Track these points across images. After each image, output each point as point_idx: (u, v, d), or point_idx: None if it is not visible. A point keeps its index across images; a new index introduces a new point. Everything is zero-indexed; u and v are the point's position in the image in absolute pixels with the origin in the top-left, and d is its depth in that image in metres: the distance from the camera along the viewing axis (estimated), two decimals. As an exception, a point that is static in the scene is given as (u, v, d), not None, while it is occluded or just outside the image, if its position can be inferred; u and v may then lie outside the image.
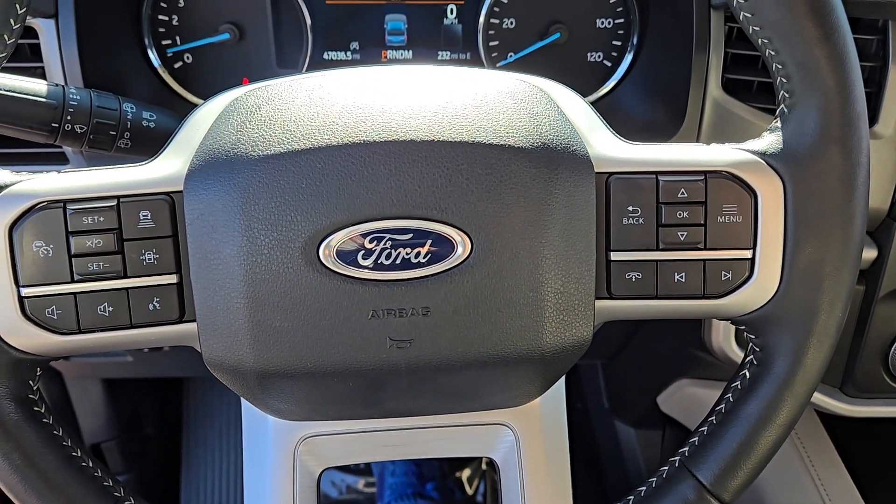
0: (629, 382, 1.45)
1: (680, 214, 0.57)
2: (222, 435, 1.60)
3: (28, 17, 0.68)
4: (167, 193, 0.56)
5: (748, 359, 0.62)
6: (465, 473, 1.61)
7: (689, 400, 1.25)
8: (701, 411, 1.26)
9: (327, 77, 0.59)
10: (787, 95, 0.56)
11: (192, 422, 1.62)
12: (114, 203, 0.55)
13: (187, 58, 1.00)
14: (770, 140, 0.58)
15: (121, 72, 0.91)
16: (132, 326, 0.56)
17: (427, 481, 1.58)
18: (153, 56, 0.97)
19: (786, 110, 0.57)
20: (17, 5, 0.51)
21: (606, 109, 1.03)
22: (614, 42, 1.02)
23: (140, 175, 0.56)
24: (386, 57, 1.04)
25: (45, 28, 0.81)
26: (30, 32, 0.81)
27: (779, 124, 0.58)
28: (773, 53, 0.56)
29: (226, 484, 1.57)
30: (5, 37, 0.52)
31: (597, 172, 0.58)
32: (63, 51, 0.81)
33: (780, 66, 0.56)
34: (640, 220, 0.58)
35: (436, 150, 0.54)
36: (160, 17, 0.97)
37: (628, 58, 1.01)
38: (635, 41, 1.00)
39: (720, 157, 0.58)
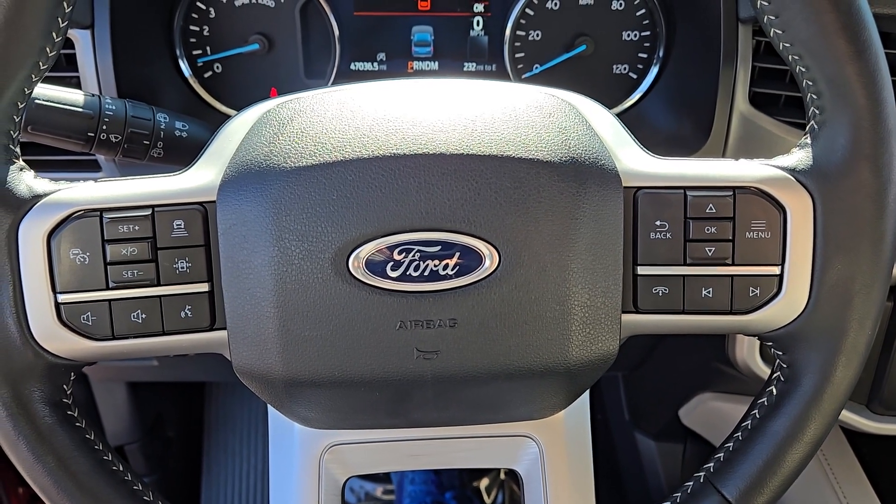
0: (651, 395, 1.45)
1: (708, 230, 0.57)
2: (243, 439, 1.62)
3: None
4: (200, 203, 0.57)
5: (775, 375, 0.61)
6: (484, 483, 1.61)
7: (711, 414, 1.24)
8: (723, 425, 1.25)
9: (357, 90, 0.60)
10: (817, 112, 0.56)
11: (214, 426, 1.64)
12: (148, 212, 0.56)
13: (217, 68, 1.01)
14: (800, 156, 0.58)
15: (153, 81, 0.93)
16: (164, 333, 0.57)
17: (446, 490, 1.58)
18: (184, 66, 0.99)
19: (816, 127, 0.57)
20: (60, 19, 0.53)
21: (632, 121, 1.03)
22: (640, 54, 1.02)
23: (174, 185, 0.57)
24: (412, 68, 1.05)
25: (81, 39, 0.82)
26: (66, 43, 0.83)
27: (809, 140, 0.58)
28: (803, 70, 0.56)
29: (247, 488, 1.58)
30: (47, 49, 0.53)
31: (625, 187, 0.58)
32: (98, 61, 0.83)
33: (810, 83, 0.56)
34: (668, 235, 0.58)
35: (465, 163, 0.55)
36: (191, 27, 0.99)
37: (654, 70, 1.02)
38: (661, 54, 1.01)
39: (749, 172, 0.58)
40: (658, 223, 0.58)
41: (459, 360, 0.56)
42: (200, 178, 0.57)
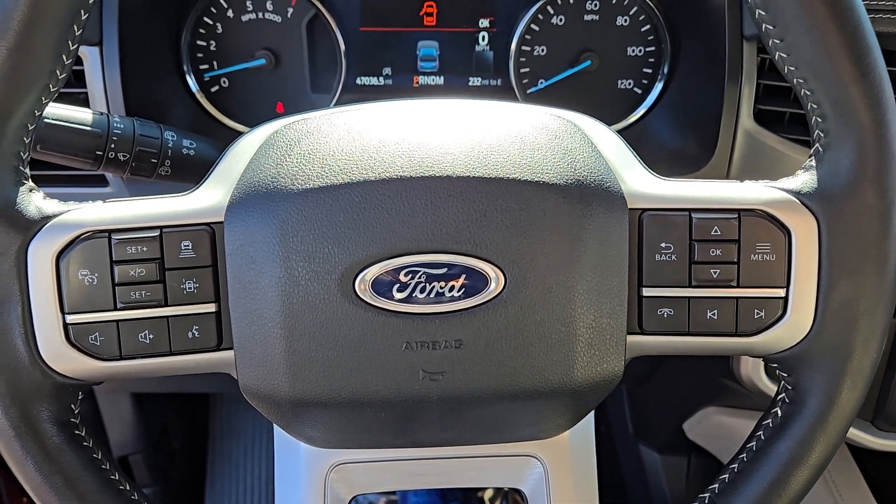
0: (655, 408, 1.44)
1: (713, 252, 0.58)
2: (248, 451, 1.62)
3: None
4: (208, 224, 0.57)
5: (780, 396, 0.61)
6: (488, 494, 1.61)
7: (716, 428, 1.24)
8: (728, 439, 1.25)
9: (364, 111, 0.60)
10: (822, 134, 0.56)
11: (219, 437, 1.64)
12: (156, 233, 0.56)
13: (224, 82, 1.02)
14: (804, 179, 0.58)
15: (161, 97, 0.94)
16: (171, 353, 0.57)
17: (450, 501, 1.58)
18: (191, 81, 1.00)
19: (820, 149, 0.57)
20: (70, 41, 0.53)
21: (636, 137, 1.03)
22: (645, 70, 1.03)
23: (182, 206, 0.58)
24: (418, 83, 1.05)
25: (90, 55, 0.83)
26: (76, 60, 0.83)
27: (813, 163, 0.58)
28: (808, 93, 0.56)
29: (251, 500, 1.58)
30: (57, 71, 0.54)
31: (630, 208, 0.58)
32: (106, 77, 0.83)
33: (815, 106, 0.56)
34: (673, 257, 0.58)
35: (471, 185, 0.55)
36: (199, 42, 0.99)
37: (658, 86, 1.02)
38: (666, 70, 1.01)
39: (754, 195, 0.58)
40: (663, 245, 0.58)
41: (465, 381, 0.57)
42: (208, 198, 0.58)
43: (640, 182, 0.60)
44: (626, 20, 1.00)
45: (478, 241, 0.55)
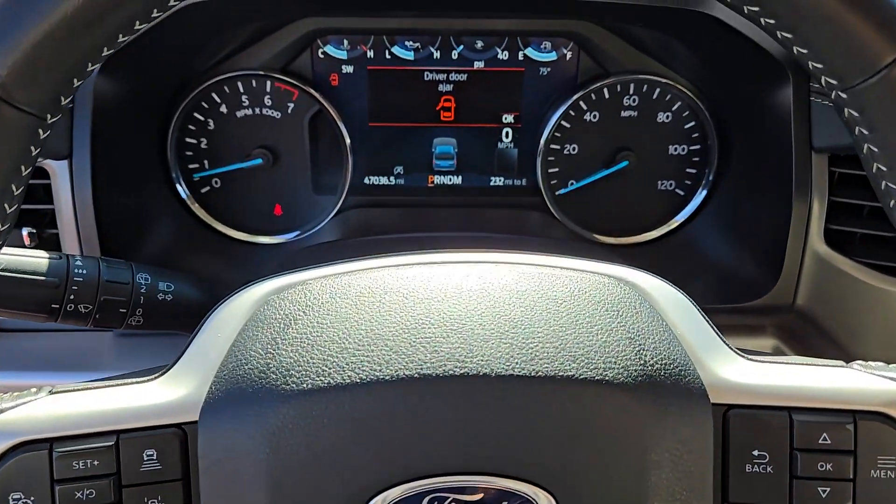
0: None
1: (821, 466, 0.45)
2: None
3: (40, 159, 0.59)
4: (178, 426, 0.45)
5: None
6: None
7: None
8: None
9: (377, 277, 0.49)
10: None
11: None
12: (112, 441, 0.44)
13: (216, 183, 0.91)
14: None
15: (141, 207, 0.82)
16: None
17: None
18: (180, 186, 0.88)
19: None
20: (23, 167, 0.42)
21: (679, 248, 0.92)
22: (688, 170, 0.92)
23: (146, 398, 0.45)
24: (433, 182, 0.94)
25: (58, 170, 0.72)
26: (42, 173, 0.72)
27: None
28: None
29: None
30: (6, 206, 0.42)
31: (713, 404, 0.46)
32: (76, 193, 0.72)
33: None
34: (769, 469, 0.46)
35: (510, 388, 0.43)
36: (188, 140, 0.88)
37: (704, 190, 0.90)
38: (713, 172, 0.90)
39: (872, 388, 0.46)
40: (756, 453, 0.46)
41: None
42: (179, 390, 0.46)
43: (723, 367, 0.47)
44: (667, 116, 0.89)
45: (521, 458, 0.43)
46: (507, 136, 0.92)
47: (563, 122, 0.89)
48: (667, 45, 0.84)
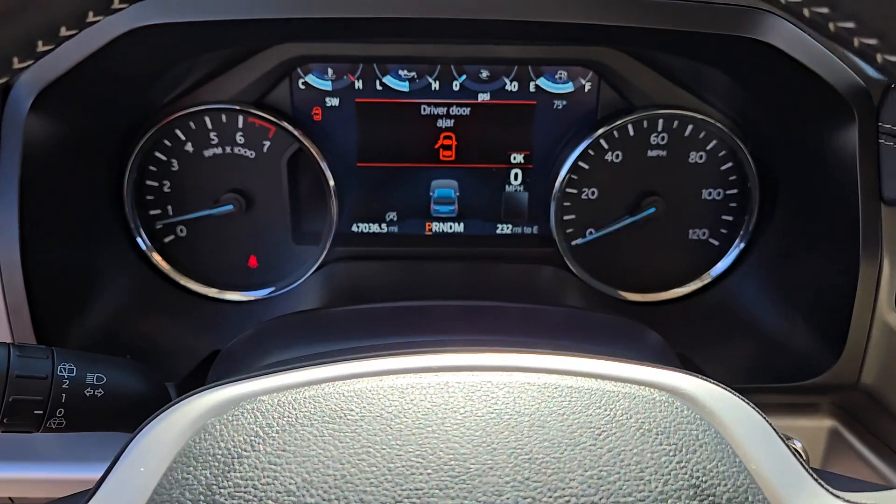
0: None
1: None
2: None
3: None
4: None
5: None
6: None
7: None
8: None
9: (353, 393, 0.36)
10: None
11: None
12: None
13: (180, 231, 0.79)
14: None
15: (88, 262, 0.70)
16: None
17: None
18: (139, 235, 0.77)
19: None
20: None
21: (715, 307, 0.80)
22: (724, 217, 0.80)
23: None
24: (431, 230, 0.82)
25: (-23, 225, 0.60)
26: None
27: None
28: None
29: None
30: None
31: None
32: (0, 252, 0.60)
33: None
34: None
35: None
36: (148, 182, 0.77)
37: (742, 241, 0.79)
38: (753, 221, 0.78)
39: None
40: None
41: None
42: None
43: None
44: (700, 157, 0.77)
45: None
46: (516, 178, 0.80)
47: (581, 163, 0.77)
48: (702, 74, 0.72)
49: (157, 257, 0.78)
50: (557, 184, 0.77)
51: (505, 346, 0.43)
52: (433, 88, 0.76)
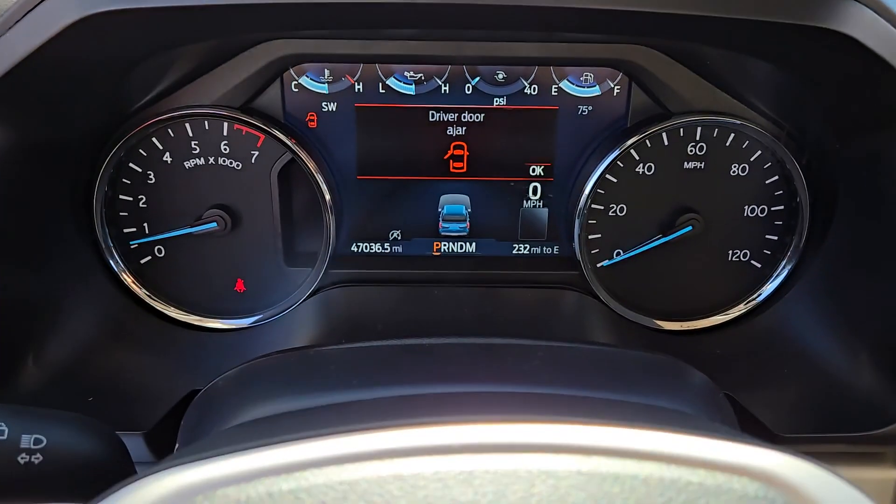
0: None
1: None
2: None
3: None
4: None
5: None
6: None
7: None
8: None
9: (342, 488, 0.28)
10: None
11: None
12: None
13: (158, 251, 0.70)
14: None
15: (49, 288, 0.62)
16: None
17: None
18: (111, 256, 0.68)
19: None
20: None
21: (760, 337, 0.71)
22: (768, 237, 0.71)
23: None
24: (439, 250, 0.73)
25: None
26: None
27: None
28: None
29: None
30: None
31: None
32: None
33: None
34: None
35: None
36: (122, 197, 0.68)
37: (789, 263, 0.70)
38: (802, 240, 0.69)
39: None
40: None
41: None
42: None
43: None
44: (743, 169, 0.69)
45: None
46: (534, 192, 0.72)
47: (609, 176, 0.69)
48: (748, 75, 0.64)
49: (130, 280, 0.69)
50: (582, 199, 0.69)
51: (535, 403, 0.34)
52: (442, 92, 0.68)
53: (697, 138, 0.68)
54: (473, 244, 0.74)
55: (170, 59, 0.61)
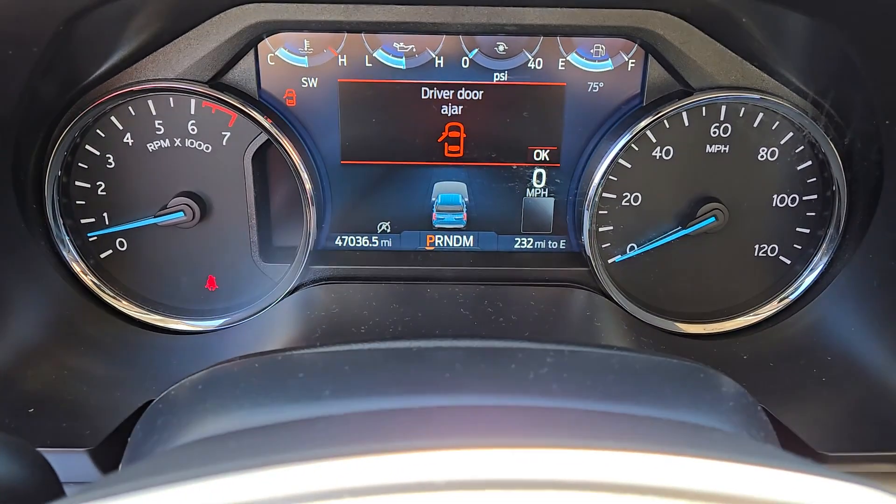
0: None
1: None
2: None
3: None
4: None
5: None
6: None
7: None
8: None
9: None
10: None
11: None
12: None
13: (120, 244, 0.63)
14: None
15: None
16: None
17: None
18: (65, 248, 0.61)
19: None
20: None
21: (792, 340, 0.64)
22: (799, 230, 0.64)
23: None
24: (432, 244, 0.66)
25: None
26: None
27: None
28: None
29: None
30: None
31: None
32: None
33: None
34: None
35: None
36: (78, 183, 0.61)
37: (823, 258, 0.63)
38: (839, 232, 0.62)
39: None
40: None
41: None
42: None
43: None
44: (772, 153, 0.62)
45: None
46: (539, 179, 0.65)
47: (622, 161, 0.62)
48: (782, 42, 0.57)
49: (88, 277, 0.62)
50: (592, 187, 0.62)
51: (549, 421, 0.27)
52: (436, 66, 0.61)
53: (721, 118, 0.61)
54: (471, 238, 0.66)
55: (125, 19, 0.54)
